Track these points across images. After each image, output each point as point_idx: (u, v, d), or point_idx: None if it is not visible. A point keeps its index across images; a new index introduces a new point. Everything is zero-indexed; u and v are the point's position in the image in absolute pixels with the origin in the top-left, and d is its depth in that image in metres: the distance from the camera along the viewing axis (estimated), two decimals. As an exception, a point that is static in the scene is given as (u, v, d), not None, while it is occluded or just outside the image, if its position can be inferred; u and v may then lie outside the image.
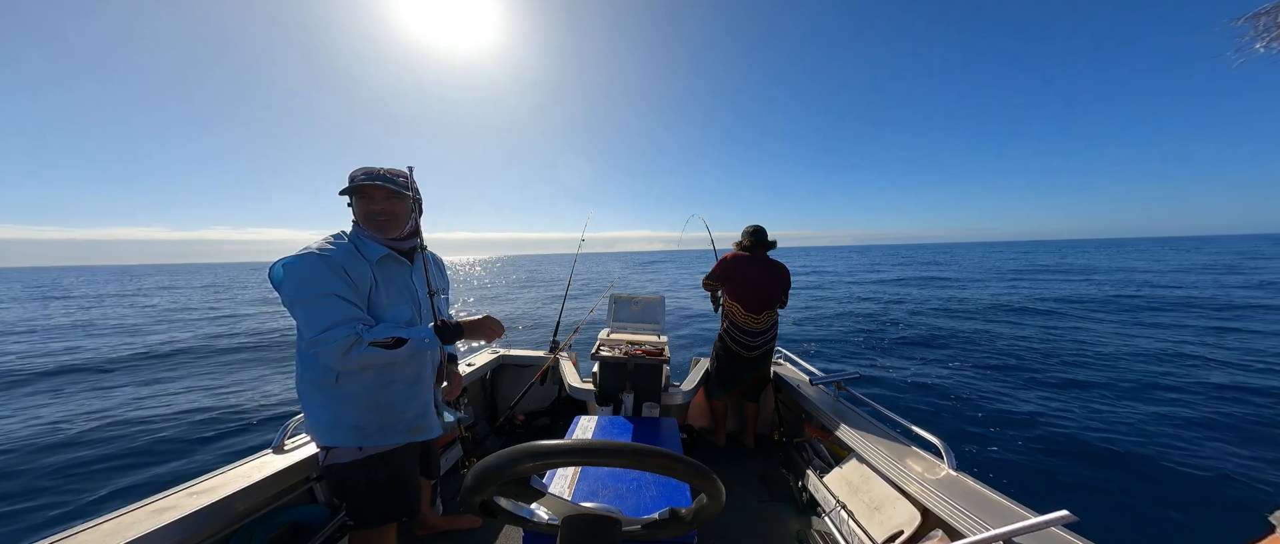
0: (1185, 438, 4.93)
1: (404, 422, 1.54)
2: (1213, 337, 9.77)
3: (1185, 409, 5.79)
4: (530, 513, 0.74)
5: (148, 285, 47.47)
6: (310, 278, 1.30)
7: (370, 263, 1.43)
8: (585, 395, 3.02)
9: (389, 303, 1.46)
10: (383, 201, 1.45)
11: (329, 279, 1.31)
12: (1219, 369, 7.49)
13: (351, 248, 1.42)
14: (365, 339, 1.29)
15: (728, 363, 3.12)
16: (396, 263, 1.52)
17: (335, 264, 1.34)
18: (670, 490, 1.55)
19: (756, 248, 3.10)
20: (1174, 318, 12.08)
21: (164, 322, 16.39)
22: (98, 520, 1.33)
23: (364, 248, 1.44)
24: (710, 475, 0.66)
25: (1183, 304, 14.30)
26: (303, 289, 1.29)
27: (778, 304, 3.11)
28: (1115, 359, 8.33)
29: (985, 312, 14.30)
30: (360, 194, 1.45)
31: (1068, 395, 6.44)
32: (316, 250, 1.35)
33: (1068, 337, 10.34)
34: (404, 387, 1.53)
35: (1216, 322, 11.41)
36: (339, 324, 1.29)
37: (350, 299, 1.34)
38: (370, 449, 1.48)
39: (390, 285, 1.48)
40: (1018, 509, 1.51)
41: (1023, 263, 43.41)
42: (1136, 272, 28.44)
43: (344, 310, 1.31)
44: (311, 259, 1.32)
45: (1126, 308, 14.09)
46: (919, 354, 9.03)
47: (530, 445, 0.58)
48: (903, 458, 1.94)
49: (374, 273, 1.43)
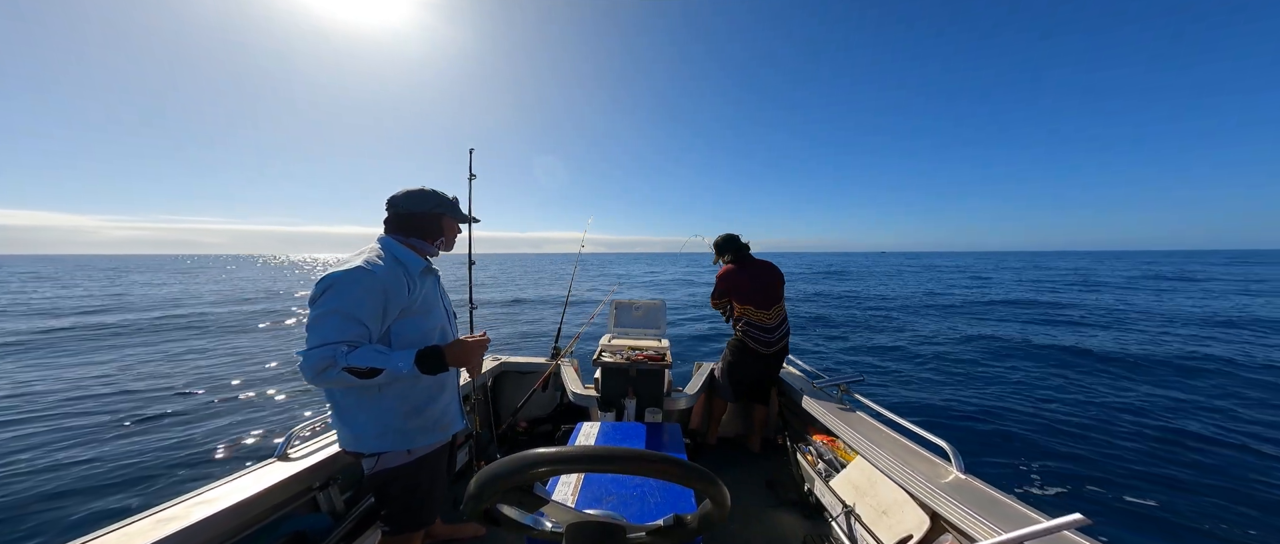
0: (1197, 436, 4.88)
1: (439, 419, 1.60)
2: (1216, 339, 9.70)
3: (1202, 407, 5.73)
4: (534, 521, 0.74)
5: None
6: (341, 292, 1.31)
7: (413, 276, 1.49)
8: (587, 402, 3.01)
9: (427, 311, 1.53)
10: (458, 231, 1.72)
11: (352, 295, 1.32)
12: (1228, 370, 7.42)
13: (393, 262, 1.45)
14: (340, 363, 1.25)
15: (744, 362, 3.11)
16: (430, 274, 1.61)
17: (377, 281, 1.36)
18: (675, 497, 1.54)
19: (741, 254, 3.19)
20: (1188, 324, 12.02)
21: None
22: (102, 532, 1.33)
23: (407, 261, 1.50)
24: (715, 481, 0.65)
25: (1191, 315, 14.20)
26: (325, 300, 1.31)
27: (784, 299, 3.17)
28: (1122, 359, 8.27)
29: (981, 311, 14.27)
30: (449, 220, 1.64)
31: (1075, 395, 6.39)
32: (363, 265, 1.37)
33: (1069, 335, 10.29)
34: (436, 387, 1.59)
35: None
36: (325, 345, 1.27)
37: (361, 319, 1.32)
38: (418, 451, 1.54)
39: (428, 295, 1.56)
40: (1029, 513, 1.49)
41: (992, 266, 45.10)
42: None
43: (343, 329, 1.29)
44: (357, 273, 1.34)
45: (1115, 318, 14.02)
46: (919, 354, 8.99)
47: (533, 453, 0.58)
48: (910, 461, 1.92)
49: (418, 282, 1.50)
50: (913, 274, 39.40)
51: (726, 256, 3.23)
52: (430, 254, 1.64)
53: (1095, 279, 31.45)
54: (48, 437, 5.18)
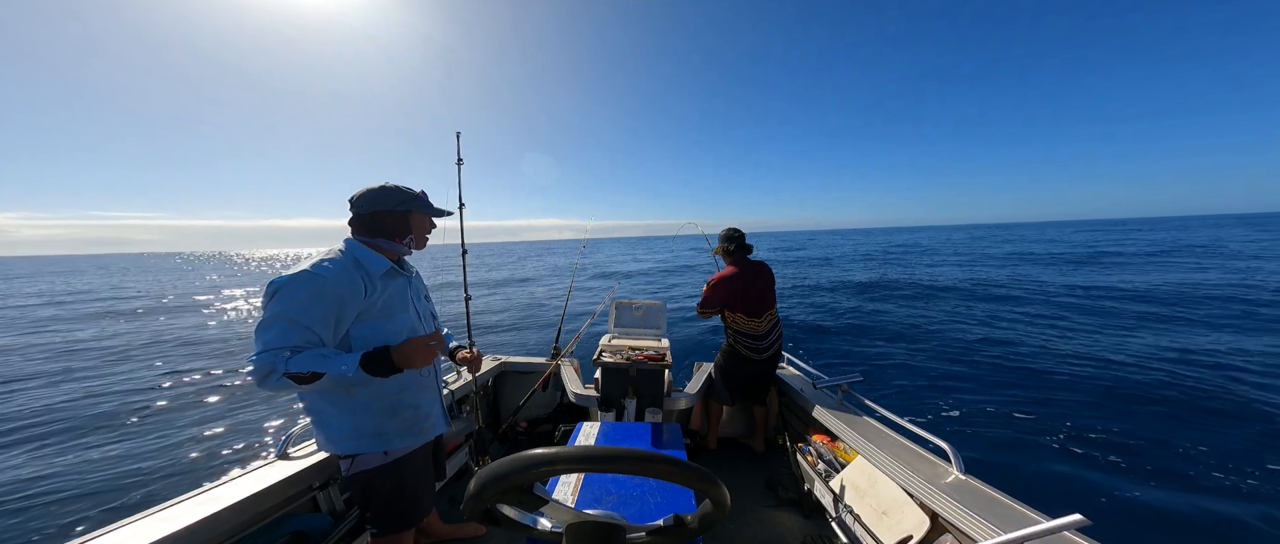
0: (1197, 436, 4.88)
1: (417, 422, 1.58)
2: (1225, 330, 9.71)
3: (1201, 405, 5.73)
4: (533, 521, 0.74)
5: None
6: (286, 296, 1.28)
7: (374, 278, 1.44)
8: (587, 402, 3.01)
9: (390, 314, 1.48)
10: (430, 227, 1.64)
11: (297, 301, 1.28)
12: (1234, 369, 7.42)
13: (348, 263, 1.41)
14: (279, 370, 1.23)
15: (736, 368, 3.11)
16: (397, 274, 1.54)
17: (326, 284, 1.31)
18: (675, 497, 1.54)
19: (740, 252, 3.12)
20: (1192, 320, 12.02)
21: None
22: (101, 531, 1.33)
23: (368, 262, 1.45)
24: (715, 481, 0.65)
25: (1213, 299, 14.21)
26: (270, 305, 1.28)
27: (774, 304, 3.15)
28: (1122, 354, 8.27)
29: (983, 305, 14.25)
30: (418, 216, 1.57)
31: (1075, 394, 6.39)
32: (313, 268, 1.33)
33: (1067, 337, 10.28)
34: (414, 389, 1.56)
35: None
36: (267, 351, 1.25)
37: (306, 324, 1.29)
38: (395, 453, 1.52)
39: (393, 295, 1.50)
40: (1029, 513, 1.49)
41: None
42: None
43: (285, 334, 1.26)
44: (303, 277, 1.30)
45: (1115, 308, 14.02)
46: (922, 354, 8.99)
47: (533, 453, 0.58)
48: (910, 461, 1.92)
49: (379, 285, 1.45)
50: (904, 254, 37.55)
51: (729, 246, 3.14)
52: (400, 253, 1.58)
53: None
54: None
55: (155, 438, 5.42)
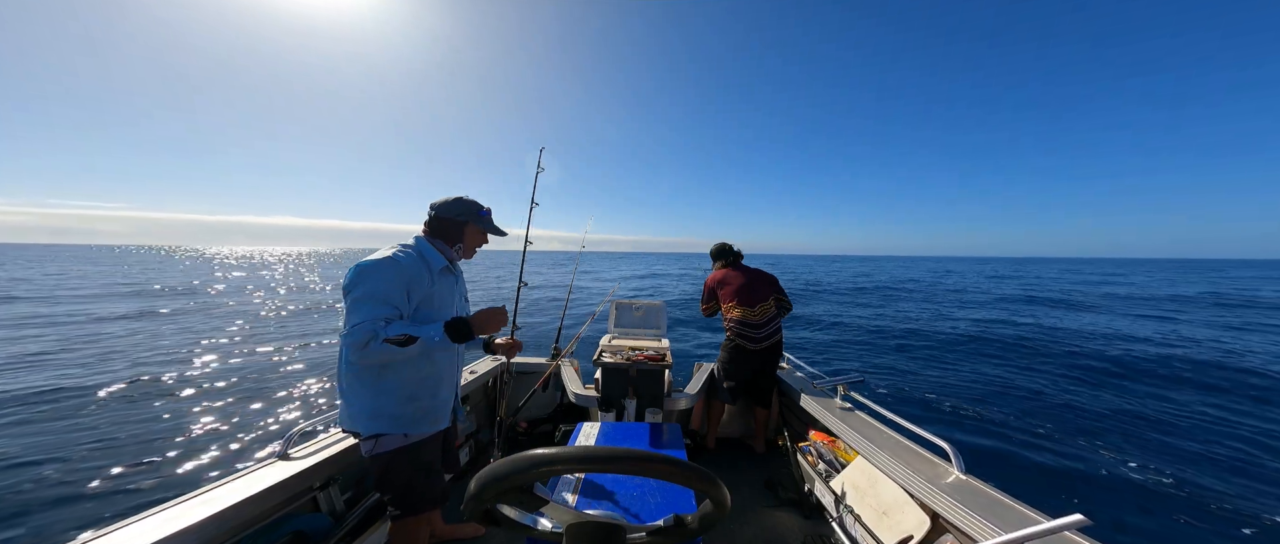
0: (1200, 438, 4.88)
1: (433, 411, 1.69)
2: (1228, 335, 9.70)
3: (1201, 410, 5.72)
4: (534, 521, 0.74)
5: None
6: (370, 278, 1.46)
7: (433, 272, 1.64)
8: (588, 402, 3.01)
9: (444, 307, 1.68)
10: (482, 241, 1.84)
11: (381, 280, 1.47)
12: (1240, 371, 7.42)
13: (415, 255, 1.62)
14: (380, 335, 1.39)
15: (735, 359, 3.17)
16: (450, 273, 1.74)
17: (402, 269, 1.52)
18: (675, 497, 1.54)
19: (731, 257, 3.38)
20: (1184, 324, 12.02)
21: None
22: (102, 531, 1.33)
23: (429, 258, 1.65)
24: (715, 481, 0.65)
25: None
26: (358, 286, 1.46)
27: (774, 298, 3.24)
28: (1126, 358, 8.27)
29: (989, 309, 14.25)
30: (472, 229, 1.76)
31: (1077, 394, 6.39)
32: (391, 255, 1.54)
33: (1069, 336, 10.29)
34: (435, 380, 1.68)
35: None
36: (365, 321, 1.41)
37: (391, 300, 1.47)
38: (415, 436, 1.63)
39: (446, 292, 1.70)
40: (1030, 513, 1.48)
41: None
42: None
43: (376, 309, 1.44)
44: (384, 262, 1.50)
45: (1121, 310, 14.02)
46: (922, 355, 8.99)
47: (533, 453, 0.58)
48: (910, 461, 1.92)
49: (436, 278, 1.64)
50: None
51: (719, 263, 3.43)
52: (452, 257, 1.77)
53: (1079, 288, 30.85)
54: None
55: (156, 438, 5.42)
